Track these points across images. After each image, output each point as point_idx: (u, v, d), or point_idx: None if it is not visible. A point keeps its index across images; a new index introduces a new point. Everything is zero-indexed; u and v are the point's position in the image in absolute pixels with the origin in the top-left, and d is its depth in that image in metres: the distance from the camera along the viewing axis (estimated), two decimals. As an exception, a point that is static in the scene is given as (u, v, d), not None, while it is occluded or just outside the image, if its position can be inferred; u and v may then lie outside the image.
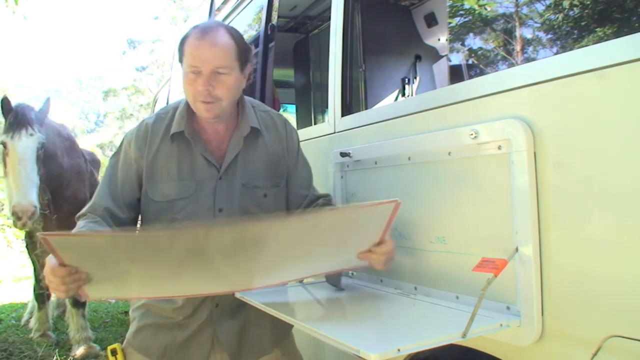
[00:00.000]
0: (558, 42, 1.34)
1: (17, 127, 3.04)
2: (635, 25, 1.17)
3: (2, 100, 3.12)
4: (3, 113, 3.11)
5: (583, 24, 1.27)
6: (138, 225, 1.43)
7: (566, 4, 1.30)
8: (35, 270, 3.77)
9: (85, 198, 3.68)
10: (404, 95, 2.53)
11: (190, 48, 1.26)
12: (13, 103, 3.18)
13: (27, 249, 3.73)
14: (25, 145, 3.01)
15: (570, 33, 1.30)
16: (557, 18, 1.33)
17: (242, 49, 1.30)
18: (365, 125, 1.54)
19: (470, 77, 1.60)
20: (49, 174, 3.20)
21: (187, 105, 1.33)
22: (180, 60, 1.30)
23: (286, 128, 1.47)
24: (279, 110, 3.53)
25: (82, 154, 3.84)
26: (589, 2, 1.28)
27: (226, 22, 3.12)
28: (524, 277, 0.98)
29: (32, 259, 3.73)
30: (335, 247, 1.15)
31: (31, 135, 3.06)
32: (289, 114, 3.87)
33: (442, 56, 2.74)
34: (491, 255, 1.03)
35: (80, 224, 1.28)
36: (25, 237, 3.69)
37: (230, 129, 1.37)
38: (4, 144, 3.02)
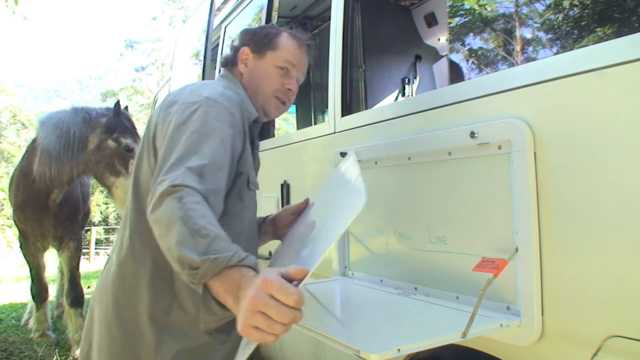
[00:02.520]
0: (558, 42, 1.34)
1: (136, 133, 3.18)
2: (635, 25, 1.17)
3: (116, 103, 3.21)
4: (114, 116, 3.15)
5: (583, 24, 1.27)
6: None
7: (566, 4, 1.30)
8: (31, 270, 3.77)
9: (79, 200, 3.70)
10: (404, 95, 2.53)
11: (290, 46, 1.30)
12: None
13: (22, 248, 3.73)
14: None
15: (570, 33, 1.30)
16: (557, 18, 1.33)
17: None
18: (365, 125, 1.54)
19: (470, 77, 1.60)
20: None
21: (246, 93, 1.29)
22: (263, 51, 1.30)
23: None
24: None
25: None
26: (589, 2, 1.28)
27: (226, 22, 3.13)
28: (524, 277, 0.98)
29: (27, 259, 3.73)
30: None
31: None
32: (289, 114, 3.87)
33: (442, 56, 2.74)
34: (491, 255, 1.02)
35: (201, 209, 0.90)
36: (20, 237, 3.69)
37: None
38: (130, 149, 3.06)
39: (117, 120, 3.12)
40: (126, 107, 3.49)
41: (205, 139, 1.02)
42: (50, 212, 3.40)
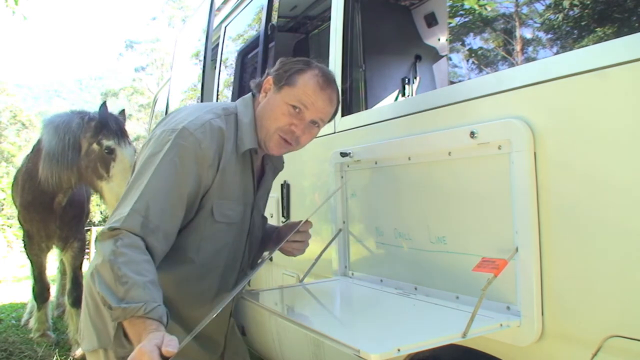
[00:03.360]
0: (558, 42, 1.34)
1: (121, 134, 3.11)
2: (635, 25, 1.17)
3: (101, 105, 3.16)
4: (100, 118, 3.11)
5: (583, 24, 1.27)
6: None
7: (566, 4, 1.30)
8: (33, 270, 3.78)
9: (84, 200, 3.70)
10: (404, 95, 2.53)
11: (308, 87, 1.22)
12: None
13: (26, 248, 3.73)
14: (131, 154, 3.06)
15: (570, 33, 1.30)
16: (557, 18, 1.32)
17: (337, 111, 1.33)
18: (365, 125, 1.54)
19: (470, 77, 1.60)
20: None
21: (254, 122, 1.28)
22: (282, 85, 1.24)
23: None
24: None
25: None
26: (589, 2, 1.28)
27: (226, 22, 3.13)
28: (524, 277, 0.98)
29: (30, 259, 3.74)
30: None
31: (130, 144, 3.13)
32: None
33: (442, 56, 2.74)
34: (491, 255, 1.02)
35: (129, 255, 1.03)
36: (24, 237, 3.69)
37: (262, 158, 1.39)
38: (111, 150, 3.01)
39: (104, 122, 3.06)
40: (122, 111, 3.46)
41: (161, 178, 1.11)
42: (56, 214, 3.40)
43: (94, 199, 4.28)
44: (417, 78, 2.61)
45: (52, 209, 3.35)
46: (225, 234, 1.26)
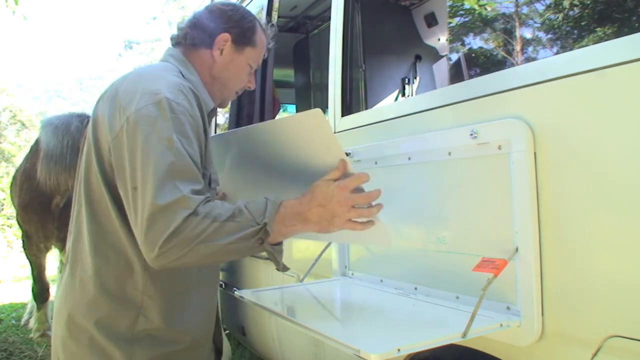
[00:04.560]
0: (558, 42, 1.34)
1: None
2: (635, 25, 1.17)
3: None
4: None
5: (583, 24, 1.27)
6: None
7: (566, 4, 1.30)
8: (33, 270, 3.77)
9: None
10: (404, 95, 2.53)
11: (263, 47, 1.27)
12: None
13: (24, 249, 3.73)
14: None
15: (570, 33, 1.30)
16: (557, 18, 1.33)
17: None
18: (365, 125, 1.54)
19: (470, 76, 1.60)
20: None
21: (201, 80, 1.21)
22: (243, 45, 1.22)
23: None
24: (279, 110, 3.54)
25: None
26: (589, 2, 1.28)
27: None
28: (524, 277, 0.98)
29: (29, 259, 3.73)
30: (298, 165, 1.14)
31: None
32: (289, 114, 3.87)
33: (442, 56, 2.74)
34: (491, 255, 1.02)
35: (211, 205, 0.96)
36: (23, 237, 3.69)
37: None
38: None
39: None
40: None
41: (183, 161, 0.98)
42: (54, 215, 3.39)
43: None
44: (417, 78, 2.61)
45: (50, 210, 3.35)
46: (213, 199, 1.22)
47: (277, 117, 3.06)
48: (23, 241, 3.72)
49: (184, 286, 1.18)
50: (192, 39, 1.23)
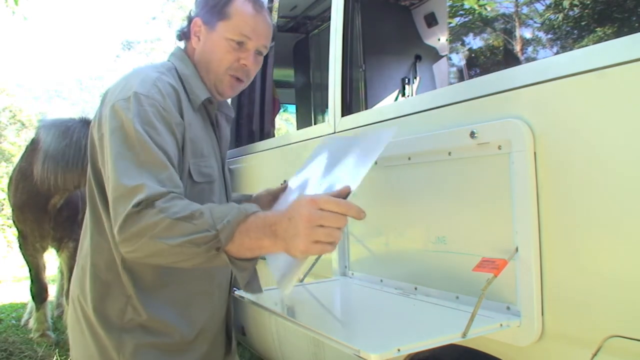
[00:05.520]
0: (558, 42, 1.34)
1: None
2: (635, 25, 1.17)
3: None
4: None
5: (583, 24, 1.27)
6: None
7: (566, 4, 1.30)
8: (30, 270, 3.77)
9: (78, 201, 3.70)
10: (404, 95, 2.53)
11: (244, 15, 1.14)
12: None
13: (21, 249, 3.73)
14: None
15: (570, 33, 1.30)
16: (557, 18, 1.33)
17: (274, 34, 1.25)
18: (365, 125, 1.54)
19: (470, 76, 1.60)
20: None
21: (197, 72, 1.19)
22: (215, 22, 1.15)
23: None
24: (279, 111, 3.54)
25: None
26: (589, 2, 1.28)
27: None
28: (524, 277, 0.98)
29: (26, 259, 3.73)
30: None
31: None
32: (289, 114, 3.87)
33: (442, 56, 2.74)
34: (491, 255, 1.02)
35: (176, 202, 0.92)
36: (19, 237, 3.68)
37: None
38: None
39: None
40: None
41: (149, 145, 0.98)
42: (50, 215, 3.39)
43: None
44: (417, 78, 2.62)
45: (47, 210, 3.35)
46: (209, 194, 1.17)
47: (277, 117, 3.05)
48: (19, 241, 3.72)
49: (163, 281, 1.15)
50: (183, 34, 1.25)
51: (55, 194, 3.26)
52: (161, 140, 1.00)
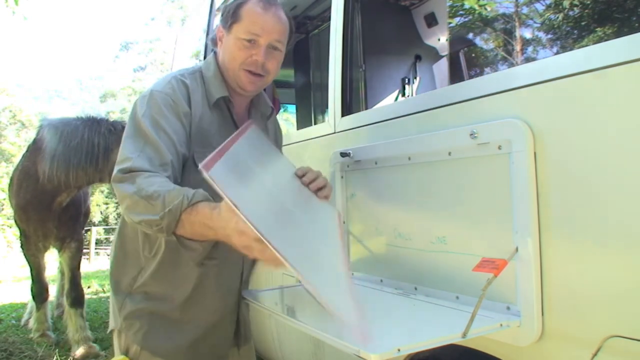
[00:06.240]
0: (558, 42, 1.34)
1: None
2: (635, 25, 1.17)
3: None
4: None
5: (583, 24, 1.27)
6: None
7: (566, 4, 1.30)
8: (31, 270, 3.77)
9: (81, 200, 3.70)
10: (404, 95, 2.53)
11: (253, 15, 1.24)
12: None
13: (23, 248, 3.73)
14: None
15: (570, 33, 1.30)
16: (557, 18, 1.33)
17: (292, 29, 1.36)
18: (365, 125, 1.54)
19: (470, 77, 1.60)
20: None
21: (220, 71, 1.31)
22: (230, 25, 1.27)
23: (277, 124, 1.55)
24: (279, 111, 3.54)
25: None
26: (589, 2, 1.28)
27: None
28: (524, 277, 0.98)
29: (27, 259, 3.73)
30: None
31: None
32: (289, 114, 3.87)
33: (442, 56, 2.74)
34: (491, 255, 1.02)
35: (150, 179, 1.06)
36: (21, 237, 3.69)
37: (247, 106, 1.39)
38: None
39: None
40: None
41: (149, 131, 1.14)
42: (55, 214, 3.39)
43: (94, 199, 4.30)
44: (417, 78, 2.61)
45: (51, 209, 3.35)
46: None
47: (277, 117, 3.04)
48: (21, 241, 3.72)
49: (176, 261, 1.25)
50: (212, 41, 1.38)
51: (64, 192, 3.26)
52: (167, 125, 1.16)
